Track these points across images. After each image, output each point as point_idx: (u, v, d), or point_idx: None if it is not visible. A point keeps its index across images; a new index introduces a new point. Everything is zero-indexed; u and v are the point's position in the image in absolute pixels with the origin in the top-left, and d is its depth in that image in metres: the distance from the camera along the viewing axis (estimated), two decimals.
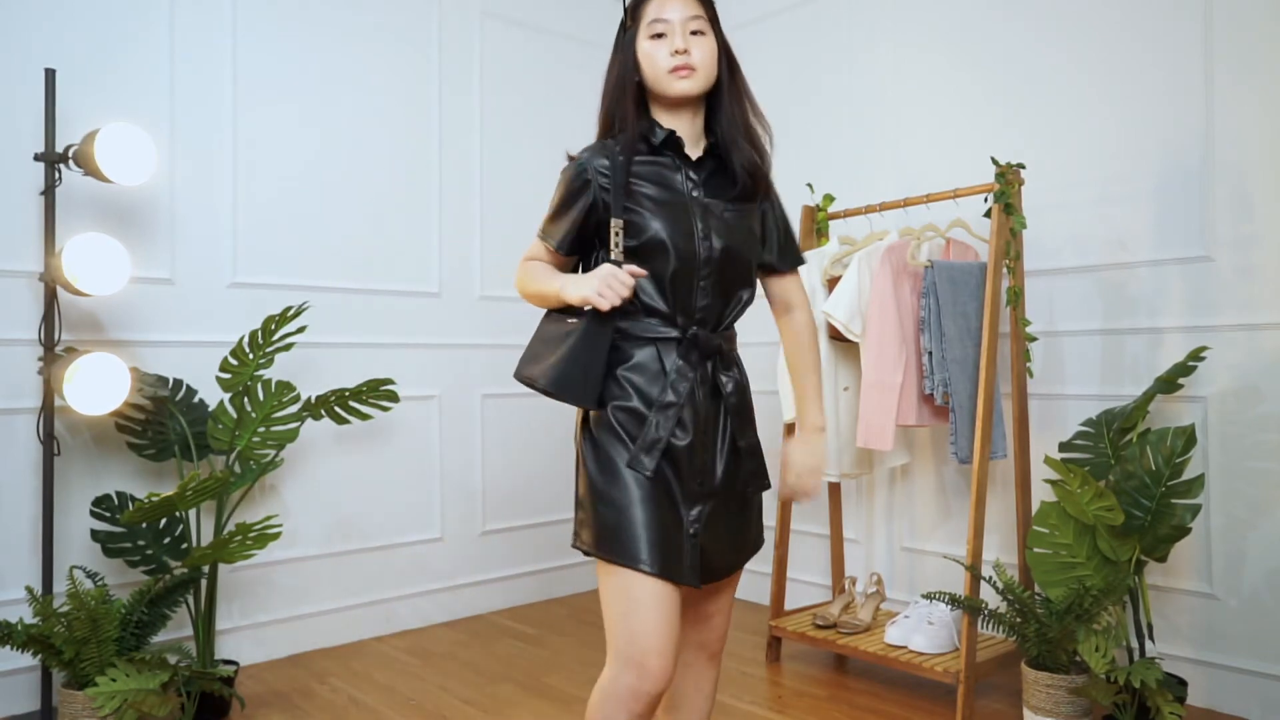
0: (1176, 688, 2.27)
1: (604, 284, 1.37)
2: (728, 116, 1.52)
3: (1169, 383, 2.39)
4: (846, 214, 2.99)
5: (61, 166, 2.42)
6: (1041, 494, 2.71)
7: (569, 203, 1.50)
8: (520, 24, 3.72)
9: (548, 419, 3.68)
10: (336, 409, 2.80)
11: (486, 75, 3.60)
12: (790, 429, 2.97)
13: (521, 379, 1.49)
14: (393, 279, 3.33)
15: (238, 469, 2.63)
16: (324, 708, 2.59)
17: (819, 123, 3.51)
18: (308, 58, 3.11)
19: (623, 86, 1.50)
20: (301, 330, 2.71)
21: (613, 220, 1.45)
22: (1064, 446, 2.53)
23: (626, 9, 1.53)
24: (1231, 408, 2.47)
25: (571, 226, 1.50)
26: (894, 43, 3.29)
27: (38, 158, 2.39)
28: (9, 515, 2.52)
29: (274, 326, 2.61)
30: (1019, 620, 2.29)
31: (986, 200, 2.64)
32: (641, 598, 1.40)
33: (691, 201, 1.49)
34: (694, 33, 1.47)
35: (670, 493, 1.45)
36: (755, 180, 1.54)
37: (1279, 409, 2.40)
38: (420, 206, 3.41)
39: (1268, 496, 2.42)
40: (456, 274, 3.51)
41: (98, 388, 2.33)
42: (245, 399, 2.62)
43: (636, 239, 1.45)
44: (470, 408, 3.54)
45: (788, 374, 2.19)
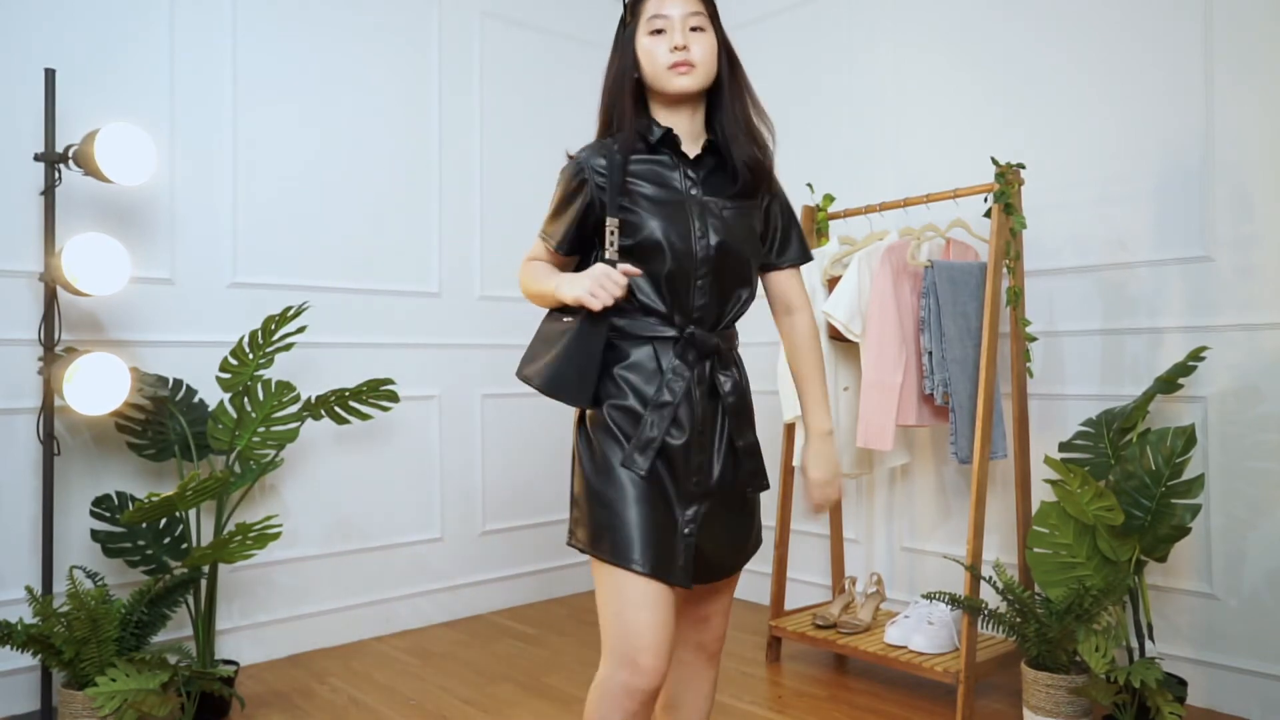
0: (1176, 688, 2.27)
1: (596, 284, 1.37)
2: (728, 113, 1.50)
3: (1169, 383, 2.38)
4: (846, 214, 2.98)
5: (61, 166, 2.42)
6: (1041, 494, 2.71)
7: (567, 202, 1.50)
8: (520, 24, 3.72)
9: (548, 419, 3.68)
10: (336, 409, 2.80)
11: (486, 75, 3.60)
12: (791, 429, 2.97)
13: (520, 378, 1.50)
14: (393, 279, 3.33)
15: (238, 469, 2.63)
16: (324, 708, 2.59)
17: (819, 122, 3.51)
18: (308, 58, 3.11)
19: (621, 83, 1.50)
20: (301, 330, 2.71)
21: (607, 219, 1.44)
22: (1064, 446, 2.53)
23: (626, 6, 1.52)
24: (1231, 408, 2.47)
25: (570, 226, 1.50)
26: (894, 43, 3.29)
27: (38, 158, 2.39)
28: (9, 515, 2.52)
29: (274, 326, 2.61)
30: (1019, 620, 2.29)
31: (986, 200, 2.64)
32: (634, 596, 1.40)
33: (689, 200, 1.48)
34: (694, 29, 1.46)
35: (665, 492, 1.45)
36: (756, 176, 1.52)
37: (1279, 409, 2.40)
38: (420, 206, 3.41)
39: (1268, 496, 2.42)
40: (456, 274, 3.51)
41: (98, 388, 2.33)
42: (245, 399, 2.63)
43: (633, 238, 1.45)
44: (470, 408, 3.54)
45: (788, 374, 2.19)
